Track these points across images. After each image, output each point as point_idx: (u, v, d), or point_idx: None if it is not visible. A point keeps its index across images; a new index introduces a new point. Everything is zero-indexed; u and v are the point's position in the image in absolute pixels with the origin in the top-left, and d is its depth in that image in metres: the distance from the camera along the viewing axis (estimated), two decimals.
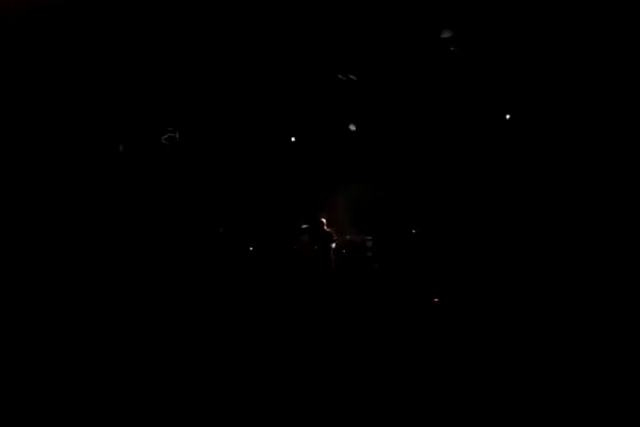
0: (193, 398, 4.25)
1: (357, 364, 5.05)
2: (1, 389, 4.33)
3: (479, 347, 5.53)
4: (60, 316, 6.53)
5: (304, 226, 11.26)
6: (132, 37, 7.40)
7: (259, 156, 11.09)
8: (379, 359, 5.18)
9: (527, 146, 9.15)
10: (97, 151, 8.46)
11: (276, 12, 7.45)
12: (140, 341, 5.72)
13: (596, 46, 7.65)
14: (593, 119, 8.30)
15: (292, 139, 11.20)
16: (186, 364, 5.03)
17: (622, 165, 8.00)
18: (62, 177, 8.15)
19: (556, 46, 7.98)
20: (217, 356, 5.33)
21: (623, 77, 7.70)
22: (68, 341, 5.63)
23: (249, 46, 8.08)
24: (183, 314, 6.98)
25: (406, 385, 4.49)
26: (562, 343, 5.39)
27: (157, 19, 7.19)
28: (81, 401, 4.15)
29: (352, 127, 11.08)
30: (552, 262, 8.29)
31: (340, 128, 11.05)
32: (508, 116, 9.72)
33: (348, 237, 11.39)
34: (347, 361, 5.13)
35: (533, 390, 4.25)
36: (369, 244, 11.25)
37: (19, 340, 5.54)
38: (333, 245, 11.04)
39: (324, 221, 11.04)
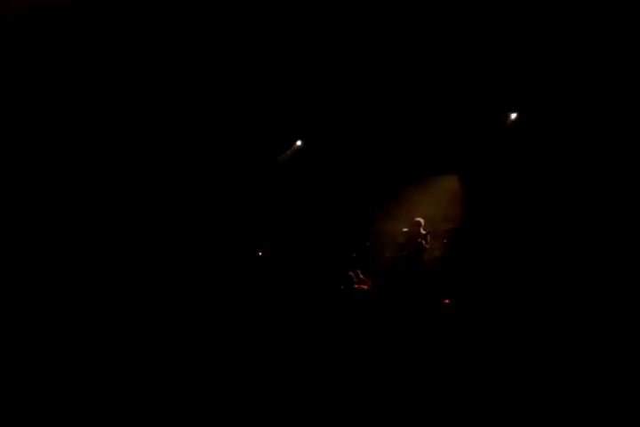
0: (193, 399, 4.20)
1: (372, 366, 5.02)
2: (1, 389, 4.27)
3: (490, 348, 5.46)
4: (59, 316, 6.44)
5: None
6: (133, 38, 7.38)
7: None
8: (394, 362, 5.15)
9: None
10: (96, 151, 8.44)
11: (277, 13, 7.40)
12: (141, 343, 5.64)
13: (595, 46, 7.53)
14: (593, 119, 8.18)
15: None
16: (189, 367, 4.95)
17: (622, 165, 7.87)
18: (61, 177, 8.13)
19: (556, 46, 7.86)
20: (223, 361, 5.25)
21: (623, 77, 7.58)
22: (67, 341, 5.54)
23: (250, 46, 8.04)
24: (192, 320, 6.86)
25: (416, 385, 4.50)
26: (568, 344, 5.35)
27: (158, 19, 7.17)
28: (81, 401, 4.09)
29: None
30: (563, 264, 8.14)
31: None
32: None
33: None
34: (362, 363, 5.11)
35: (539, 389, 4.25)
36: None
37: (19, 340, 5.45)
38: None
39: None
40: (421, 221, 9.87)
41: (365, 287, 9.46)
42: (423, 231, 9.75)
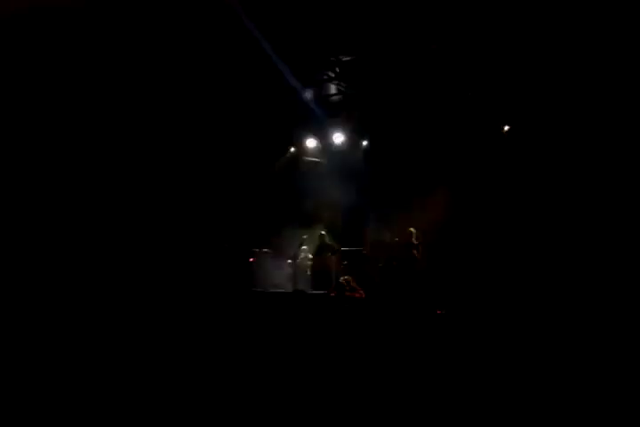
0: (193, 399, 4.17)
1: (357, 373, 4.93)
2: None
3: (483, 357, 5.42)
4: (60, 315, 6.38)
5: (304, 236, 11.15)
6: (132, 38, 7.39)
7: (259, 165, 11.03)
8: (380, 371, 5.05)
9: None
10: (95, 151, 8.39)
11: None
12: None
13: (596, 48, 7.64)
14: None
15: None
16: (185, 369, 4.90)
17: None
18: (61, 177, 8.08)
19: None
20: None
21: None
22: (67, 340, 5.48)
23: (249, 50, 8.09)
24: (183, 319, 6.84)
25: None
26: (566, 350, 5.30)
27: (157, 20, 7.19)
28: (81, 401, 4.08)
29: None
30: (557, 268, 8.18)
31: None
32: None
33: (348, 248, 11.22)
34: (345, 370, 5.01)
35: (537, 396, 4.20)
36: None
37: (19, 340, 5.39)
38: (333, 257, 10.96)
39: (324, 233, 10.97)
40: (413, 231, 9.98)
41: (357, 295, 9.48)
42: (415, 242, 9.86)
